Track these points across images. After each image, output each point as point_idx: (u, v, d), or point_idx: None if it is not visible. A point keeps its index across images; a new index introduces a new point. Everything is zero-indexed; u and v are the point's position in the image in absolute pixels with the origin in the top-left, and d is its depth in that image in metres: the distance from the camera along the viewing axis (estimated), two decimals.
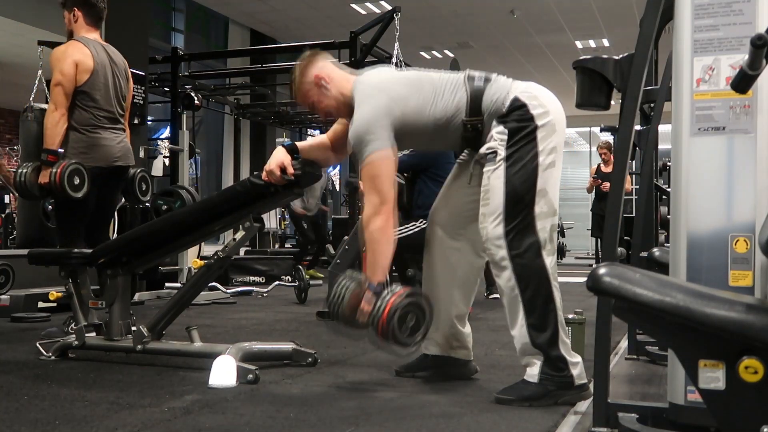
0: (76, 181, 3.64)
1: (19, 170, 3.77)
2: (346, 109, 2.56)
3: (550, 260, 2.39)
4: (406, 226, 4.36)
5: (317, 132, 12.17)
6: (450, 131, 2.49)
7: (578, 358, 2.40)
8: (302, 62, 2.62)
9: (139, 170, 4.14)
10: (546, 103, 2.44)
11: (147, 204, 4.61)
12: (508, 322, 2.42)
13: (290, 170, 2.58)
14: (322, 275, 7.89)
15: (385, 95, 2.45)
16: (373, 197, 2.40)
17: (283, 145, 2.68)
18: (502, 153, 2.39)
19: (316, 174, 2.72)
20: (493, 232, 2.39)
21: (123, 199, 4.74)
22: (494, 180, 2.39)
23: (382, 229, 2.39)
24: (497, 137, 2.40)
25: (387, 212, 2.39)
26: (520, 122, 2.39)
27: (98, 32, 3.92)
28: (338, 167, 14.31)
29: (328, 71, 2.59)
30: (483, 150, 2.44)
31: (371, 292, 2.34)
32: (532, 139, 2.38)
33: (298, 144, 2.74)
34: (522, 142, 2.38)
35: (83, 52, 3.75)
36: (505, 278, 2.38)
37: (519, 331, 2.37)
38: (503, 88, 2.45)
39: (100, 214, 3.91)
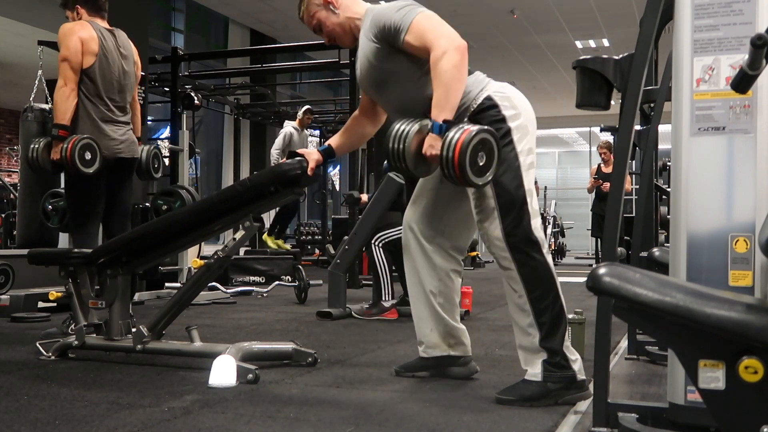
0: (88, 156, 3.63)
1: (31, 146, 3.78)
2: (351, 36, 2.59)
3: (550, 258, 2.41)
4: None
5: (317, 132, 12.18)
6: (418, 99, 2.45)
7: (577, 355, 2.41)
8: None
9: (152, 147, 4.14)
10: (518, 104, 2.44)
11: (158, 200, 4.61)
12: (514, 321, 2.42)
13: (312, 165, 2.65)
14: (288, 246, 8.71)
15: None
16: (441, 40, 2.30)
17: (319, 150, 2.72)
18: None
19: (316, 173, 2.73)
20: (493, 235, 2.39)
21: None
22: None
23: (457, 65, 2.28)
24: None
25: (461, 49, 2.30)
26: (494, 124, 2.38)
27: (105, 20, 3.93)
28: (338, 167, 14.32)
29: None
30: None
31: (437, 132, 2.26)
32: (509, 141, 2.39)
33: (331, 139, 2.79)
34: (500, 143, 2.38)
35: (90, 33, 3.76)
36: (511, 279, 2.38)
37: (525, 331, 2.37)
38: (478, 84, 2.45)
39: (113, 209, 3.91)
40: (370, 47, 2.49)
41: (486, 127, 2.31)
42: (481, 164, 2.24)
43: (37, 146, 3.75)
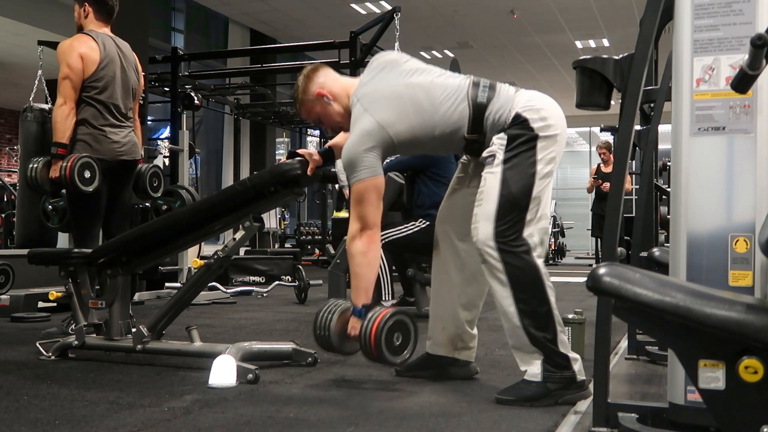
0: (87, 174, 3.63)
1: (30, 165, 3.77)
2: (351, 121, 2.58)
3: (541, 262, 2.39)
4: (406, 225, 4.36)
5: (317, 132, 12.20)
6: (451, 143, 2.51)
7: (577, 356, 2.41)
8: (303, 79, 2.63)
9: (151, 165, 4.14)
10: (548, 116, 2.42)
11: (158, 200, 4.61)
12: (502, 323, 2.42)
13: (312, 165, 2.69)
14: None
15: (375, 120, 2.43)
16: (356, 222, 2.47)
17: (318, 152, 2.75)
18: (500, 156, 2.38)
19: (316, 173, 2.73)
20: (483, 233, 2.37)
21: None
22: (491, 181, 2.38)
23: (363, 253, 2.45)
24: (497, 141, 2.40)
25: (369, 237, 2.46)
26: (520, 130, 2.39)
27: (109, 27, 3.93)
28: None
29: (329, 87, 2.60)
30: (484, 154, 2.44)
31: (356, 317, 2.45)
32: (531, 147, 2.38)
33: (332, 141, 2.82)
34: (521, 147, 2.37)
35: (89, 45, 3.75)
36: (497, 280, 2.37)
37: (514, 332, 2.37)
38: (507, 104, 2.42)
39: (113, 210, 3.91)
40: None
41: (402, 309, 2.50)
42: (397, 343, 2.45)
43: (35, 165, 3.74)
